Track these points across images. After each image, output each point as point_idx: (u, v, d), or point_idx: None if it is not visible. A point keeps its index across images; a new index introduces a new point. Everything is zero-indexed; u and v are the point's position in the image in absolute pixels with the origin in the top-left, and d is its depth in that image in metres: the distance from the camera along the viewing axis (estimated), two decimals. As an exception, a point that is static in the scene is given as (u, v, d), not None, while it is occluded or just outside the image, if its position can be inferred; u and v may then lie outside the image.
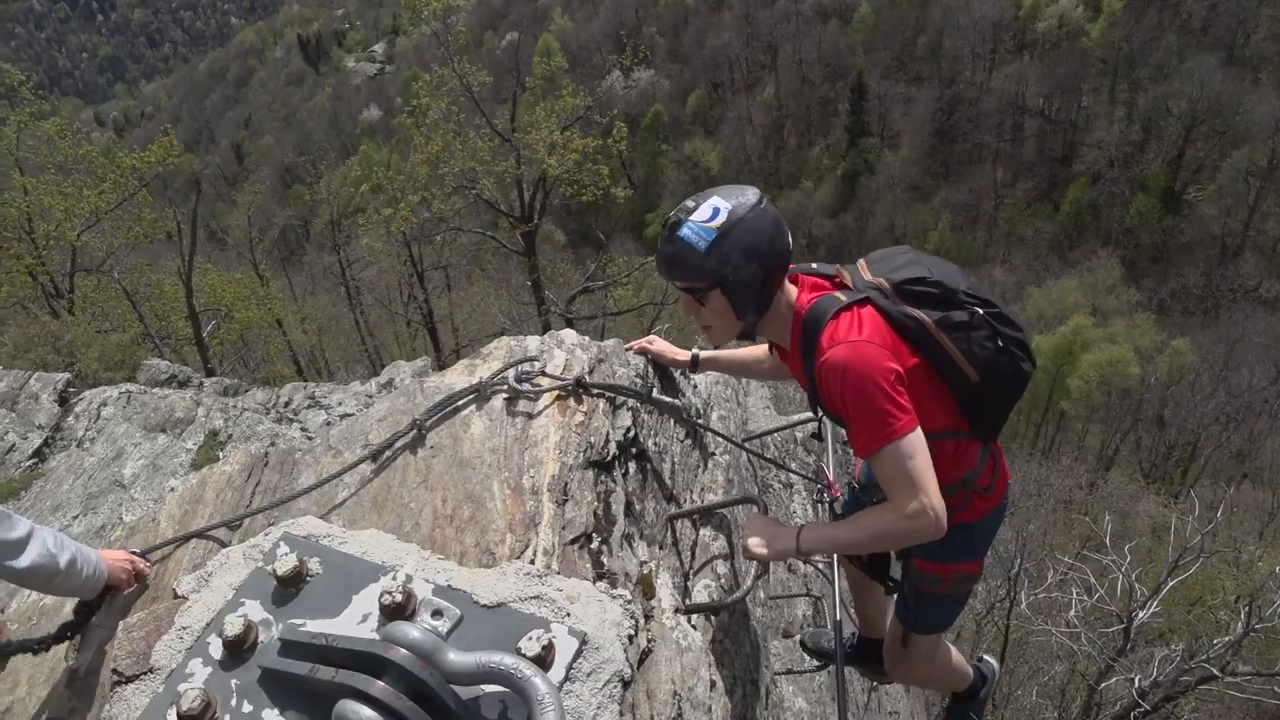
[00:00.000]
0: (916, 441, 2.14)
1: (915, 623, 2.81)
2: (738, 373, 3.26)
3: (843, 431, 3.20)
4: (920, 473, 2.13)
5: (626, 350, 3.16)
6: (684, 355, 3.22)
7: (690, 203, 2.28)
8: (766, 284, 2.29)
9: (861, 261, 2.49)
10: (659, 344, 3.26)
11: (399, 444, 2.53)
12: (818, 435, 3.08)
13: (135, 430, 5.62)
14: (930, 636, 2.75)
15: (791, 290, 2.40)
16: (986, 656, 3.24)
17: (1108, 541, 12.60)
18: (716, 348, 2.95)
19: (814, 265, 2.49)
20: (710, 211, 2.22)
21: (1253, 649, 12.16)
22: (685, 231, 2.22)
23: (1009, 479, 2.68)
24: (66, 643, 2.24)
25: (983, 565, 2.70)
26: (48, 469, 5.39)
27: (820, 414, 2.91)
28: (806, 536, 2.40)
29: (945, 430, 2.37)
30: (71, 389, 6.31)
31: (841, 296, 2.31)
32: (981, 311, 2.32)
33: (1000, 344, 2.33)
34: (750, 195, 2.26)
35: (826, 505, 3.39)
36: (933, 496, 2.14)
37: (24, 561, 1.88)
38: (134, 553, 2.36)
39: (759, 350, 3.02)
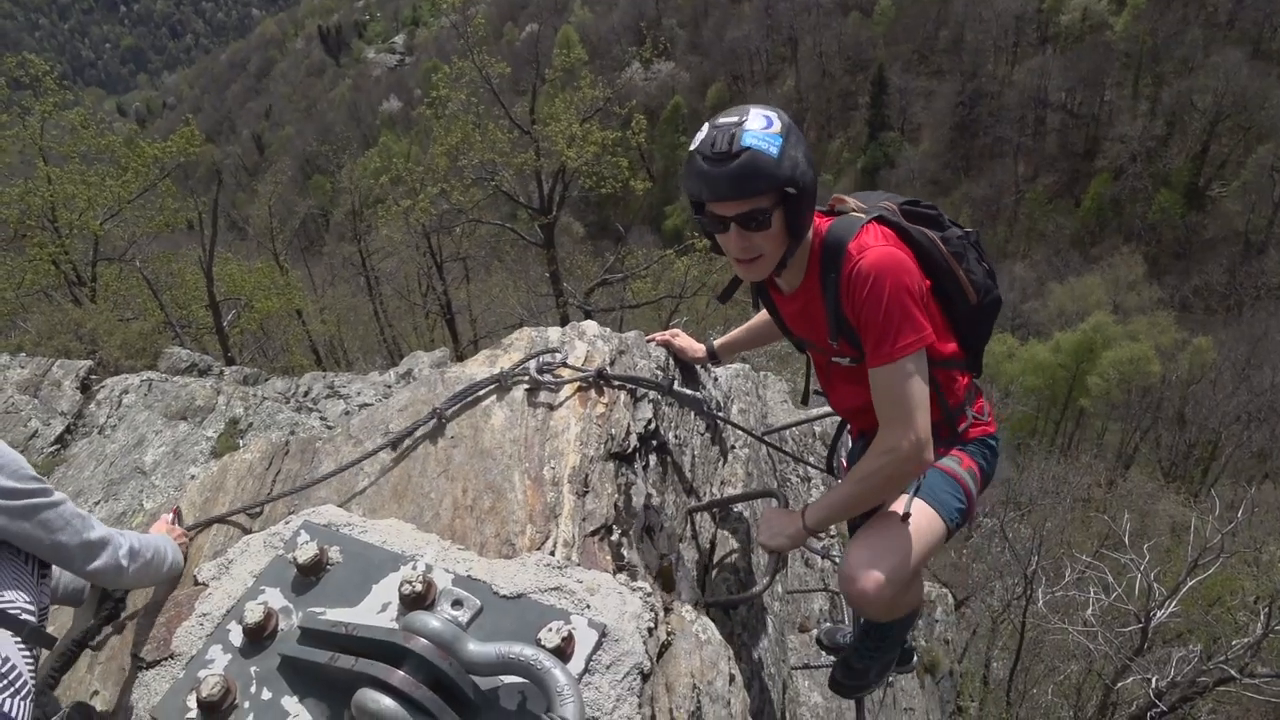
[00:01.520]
0: (924, 362, 2.17)
1: (921, 488, 2.41)
2: (753, 345, 3.23)
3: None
4: (916, 400, 2.15)
5: (649, 341, 3.15)
6: (702, 350, 3.21)
7: (730, 117, 2.11)
8: (816, 194, 2.24)
9: (849, 198, 2.46)
10: (682, 339, 3.25)
11: (419, 432, 2.53)
12: (819, 391, 3.04)
13: (156, 418, 5.65)
14: (934, 514, 2.36)
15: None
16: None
17: (1126, 540, 12.53)
18: (737, 287, 2.75)
19: None
20: (764, 120, 2.08)
21: (1272, 651, 12.04)
22: (750, 140, 2.04)
23: (994, 418, 2.67)
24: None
25: (979, 483, 2.52)
26: (70, 455, 5.43)
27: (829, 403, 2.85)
28: (810, 513, 2.43)
29: (950, 358, 2.41)
30: (93, 376, 6.35)
31: (860, 215, 2.31)
32: (970, 233, 2.41)
33: (987, 266, 2.41)
34: (776, 121, 2.12)
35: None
36: (920, 430, 2.15)
37: (95, 564, 1.95)
38: (173, 520, 2.46)
39: (758, 317, 3.01)
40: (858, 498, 2.32)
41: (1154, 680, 10.81)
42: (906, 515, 2.32)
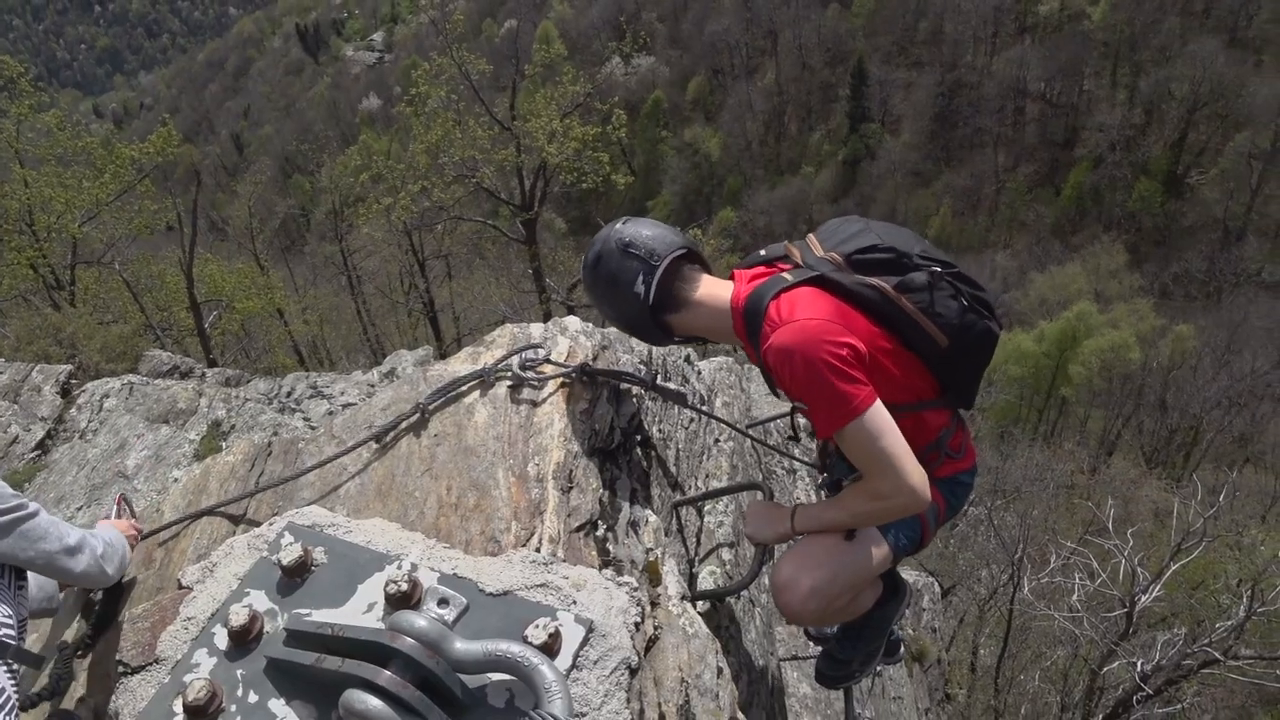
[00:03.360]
0: (878, 417, 2.05)
1: None
2: None
3: None
4: (889, 451, 2.06)
5: None
6: None
7: None
8: (646, 329, 2.41)
9: (811, 236, 2.40)
10: None
11: (403, 425, 2.52)
12: (794, 437, 3.01)
13: (138, 421, 5.61)
14: (879, 537, 2.39)
15: (724, 287, 2.35)
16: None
17: (1110, 526, 12.59)
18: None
19: (761, 252, 2.43)
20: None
21: (1255, 633, 12.13)
22: None
23: (974, 451, 2.58)
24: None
25: (941, 517, 2.49)
26: (51, 461, 5.39)
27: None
28: (799, 517, 2.40)
29: (919, 401, 2.30)
30: (74, 381, 6.31)
31: (787, 276, 2.23)
32: (940, 270, 2.23)
33: (964, 302, 2.23)
34: (586, 261, 2.42)
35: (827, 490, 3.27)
36: (908, 475, 2.07)
37: (79, 568, 1.99)
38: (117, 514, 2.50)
39: None
40: (849, 525, 2.31)
41: (1139, 664, 10.88)
42: (851, 534, 2.33)
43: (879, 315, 2.19)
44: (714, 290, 2.35)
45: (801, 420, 2.32)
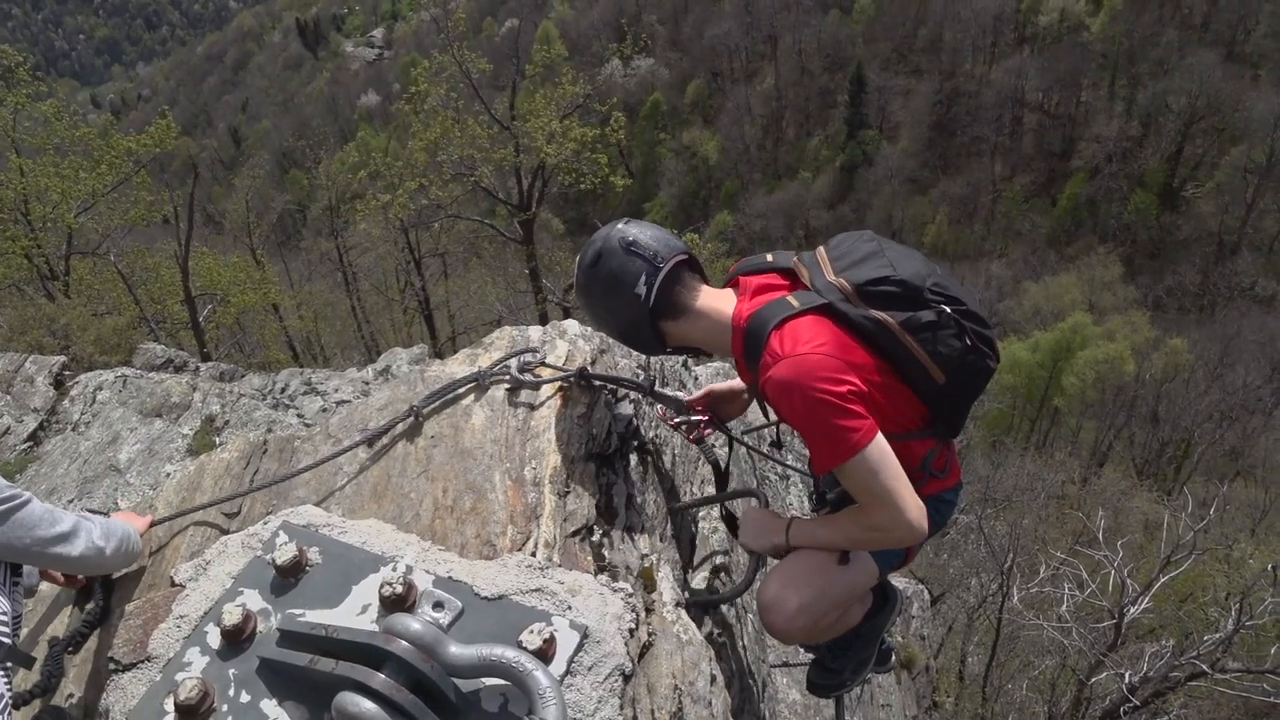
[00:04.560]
0: (877, 452, 2.03)
1: None
2: None
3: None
4: (887, 486, 2.04)
5: (692, 406, 3.02)
6: (741, 384, 2.91)
7: None
8: (640, 336, 2.34)
9: (821, 251, 2.34)
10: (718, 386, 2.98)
11: (398, 429, 2.51)
12: (777, 443, 2.98)
13: (131, 414, 5.59)
14: (865, 556, 2.39)
15: (725, 299, 2.31)
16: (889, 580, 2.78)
17: (1100, 537, 12.61)
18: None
19: (768, 257, 2.39)
20: None
21: (1243, 646, 12.15)
22: None
23: (959, 468, 2.56)
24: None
25: (929, 534, 2.39)
26: (43, 453, 5.36)
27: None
28: (795, 532, 2.38)
29: (909, 431, 2.28)
30: (67, 372, 6.27)
31: (793, 301, 2.17)
32: (949, 310, 2.18)
33: (968, 342, 2.19)
34: (584, 259, 2.34)
35: (698, 433, 3.04)
36: (906, 510, 2.05)
37: (75, 551, 1.98)
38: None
39: None
40: (844, 548, 2.31)
41: (1127, 675, 10.91)
42: (845, 557, 2.32)
43: (879, 348, 2.16)
44: (714, 302, 2.31)
45: (785, 425, 2.31)
